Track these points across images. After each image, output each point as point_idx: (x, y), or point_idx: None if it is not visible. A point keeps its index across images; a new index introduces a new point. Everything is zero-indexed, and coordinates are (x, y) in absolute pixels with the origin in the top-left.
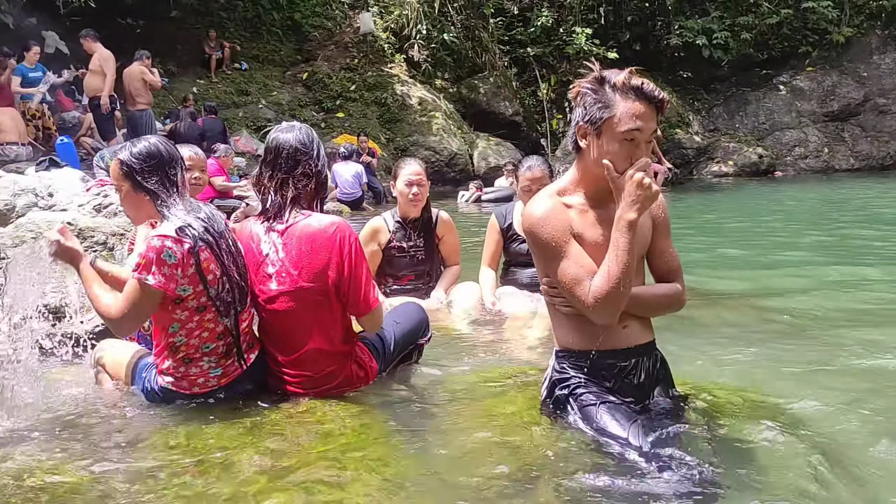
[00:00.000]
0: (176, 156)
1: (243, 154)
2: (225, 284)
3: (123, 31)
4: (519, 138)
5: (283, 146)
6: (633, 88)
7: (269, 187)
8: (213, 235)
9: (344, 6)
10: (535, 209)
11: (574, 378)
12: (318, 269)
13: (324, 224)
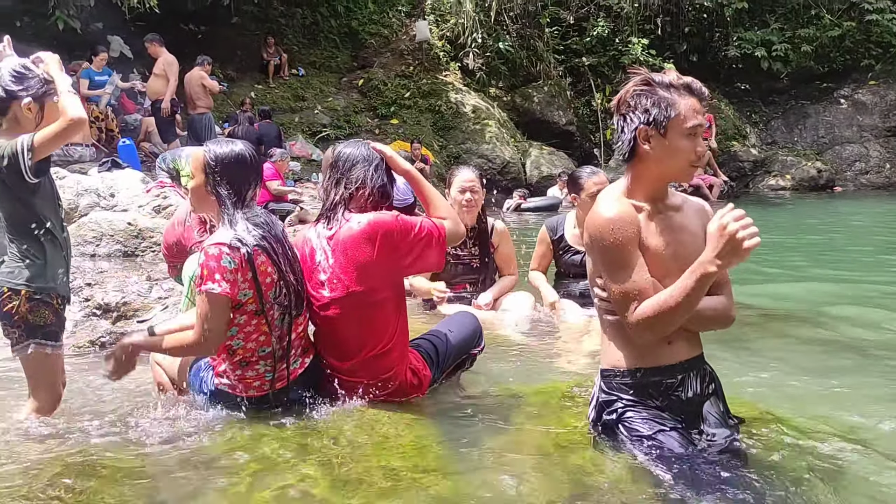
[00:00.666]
0: (258, 170)
1: (298, 158)
2: (282, 289)
3: (185, 37)
4: (572, 148)
5: (343, 154)
6: (685, 86)
7: (326, 189)
8: (269, 241)
9: (401, 14)
10: (605, 210)
11: (621, 400)
12: (364, 269)
13: (362, 223)
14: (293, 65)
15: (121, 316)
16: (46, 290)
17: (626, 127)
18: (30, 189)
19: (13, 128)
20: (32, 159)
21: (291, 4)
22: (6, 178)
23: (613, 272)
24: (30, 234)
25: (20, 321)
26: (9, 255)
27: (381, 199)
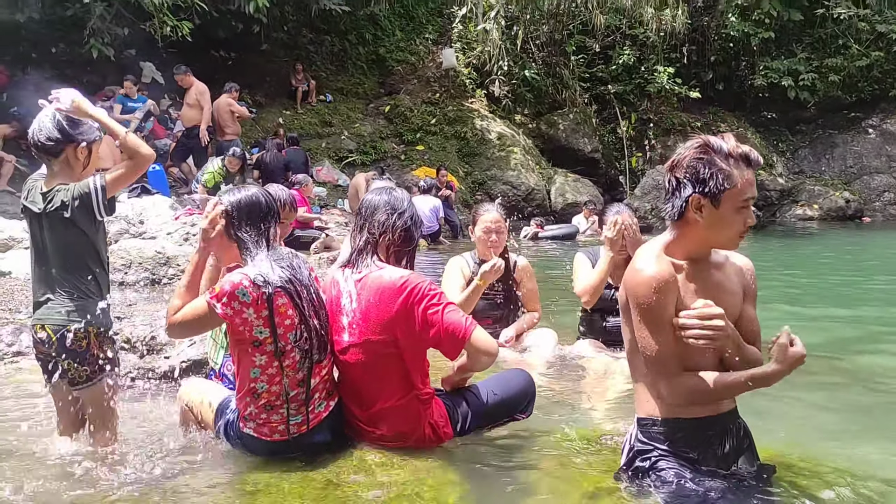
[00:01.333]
0: (273, 209)
1: (325, 184)
2: (303, 333)
3: (216, 63)
4: (597, 175)
5: (371, 201)
6: (743, 156)
7: (354, 235)
8: (294, 284)
9: (428, 42)
10: (644, 268)
11: (657, 450)
12: (385, 321)
13: (394, 277)
14: (321, 91)
15: (149, 350)
16: (108, 325)
17: (680, 191)
18: (95, 227)
19: (64, 170)
20: (105, 197)
21: (320, 32)
22: (74, 217)
23: (649, 330)
24: (88, 270)
25: (92, 358)
26: (61, 293)
27: (405, 244)
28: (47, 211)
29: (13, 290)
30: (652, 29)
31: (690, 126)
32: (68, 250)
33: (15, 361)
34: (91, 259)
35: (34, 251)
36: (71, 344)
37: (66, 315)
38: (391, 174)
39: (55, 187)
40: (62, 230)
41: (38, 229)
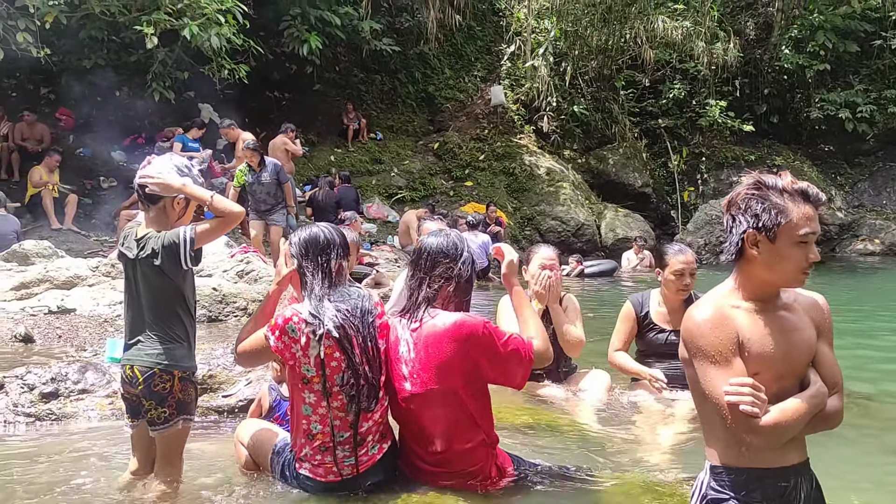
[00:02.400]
0: (333, 243)
1: (375, 220)
2: (349, 378)
3: (270, 104)
4: (648, 210)
5: (426, 248)
6: (800, 192)
7: (410, 285)
8: (346, 328)
9: (476, 79)
10: (698, 313)
11: (732, 499)
12: (445, 369)
13: (447, 323)
14: (371, 129)
15: (206, 388)
16: (192, 369)
17: (735, 228)
18: (182, 275)
19: (159, 218)
20: (192, 248)
21: (371, 71)
22: (163, 264)
23: (710, 375)
24: (176, 316)
25: (172, 400)
26: (150, 337)
27: (465, 293)
28: (139, 257)
29: (78, 328)
30: (703, 63)
31: (744, 160)
32: (158, 296)
33: (80, 399)
34: (179, 305)
35: (127, 295)
36: (156, 386)
37: (154, 358)
38: (440, 210)
39: (148, 234)
40: (152, 276)
41: (131, 274)
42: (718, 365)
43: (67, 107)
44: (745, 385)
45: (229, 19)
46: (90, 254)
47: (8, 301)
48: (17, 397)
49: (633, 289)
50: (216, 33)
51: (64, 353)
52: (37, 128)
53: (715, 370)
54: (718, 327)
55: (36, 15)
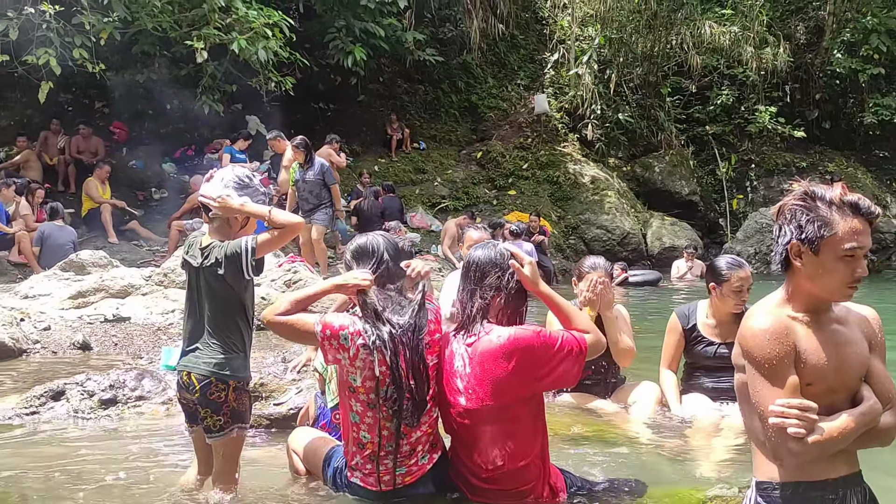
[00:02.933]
0: (388, 253)
1: (418, 230)
2: (392, 393)
3: (315, 115)
4: (696, 218)
5: (474, 260)
6: (850, 205)
7: (462, 298)
8: (397, 343)
9: (519, 88)
10: (757, 322)
11: None
12: (499, 384)
13: (503, 339)
14: (415, 139)
15: (258, 396)
16: (246, 379)
17: (781, 238)
18: (244, 285)
19: (222, 227)
20: (253, 258)
21: (414, 82)
22: (226, 274)
23: (761, 387)
24: (235, 325)
25: (227, 409)
26: (209, 345)
27: (518, 302)
28: (203, 265)
29: (132, 336)
30: (752, 68)
31: (795, 166)
32: (219, 304)
33: (137, 405)
34: (239, 315)
35: (189, 302)
36: (211, 394)
37: (212, 366)
38: (483, 219)
39: (212, 243)
40: (215, 285)
41: (194, 282)
42: (771, 379)
43: (121, 120)
44: (793, 406)
45: (276, 33)
46: (142, 263)
47: (66, 309)
48: (77, 403)
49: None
50: (263, 47)
51: (120, 361)
52: (92, 141)
53: (767, 383)
54: (778, 340)
55: (91, 32)
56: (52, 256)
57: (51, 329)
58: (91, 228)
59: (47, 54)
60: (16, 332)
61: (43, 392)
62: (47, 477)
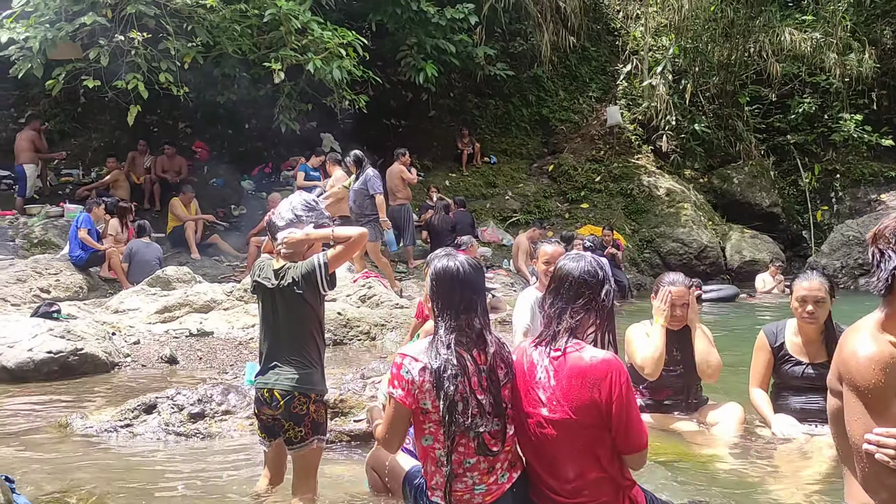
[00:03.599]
0: (465, 279)
1: (489, 244)
2: (466, 408)
3: (387, 131)
4: (777, 231)
5: (568, 275)
6: None
7: (548, 310)
8: (463, 361)
9: (591, 100)
10: (862, 348)
11: None
12: (586, 404)
13: (595, 360)
14: (485, 153)
15: (337, 413)
16: (324, 392)
17: (884, 263)
18: (319, 300)
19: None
20: (327, 272)
21: (485, 96)
22: (304, 293)
23: (859, 414)
24: (312, 341)
25: (308, 421)
26: (289, 361)
27: (609, 321)
28: (280, 286)
29: (216, 350)
30: (835, 75)
31: (884, 176)
32: (297, 322)
33: (223, 419)
34: (315, 330)
35: (264, 323)
36: (295, 408)
37: (294, 382)
38: (555, 232)
39: (286, 265)
40: (294, 304)
41: (269, 303)
42: (872, 407)
43: (202, 140)
44: (892, 436)
45: (350, 52)
46: (223, 278)
47: (153, 324)
48: (168, 417)
49: (770, 316)
50: (338, 66)
51: (206, 376)
52: (176, 160)
53: (866, 411)
54: (884, 368)
55: (176, 56)
56: (139, 272)
57: (140, 343)
58: (175, 245)
59: (136, 79)
60: (108, 346)
61: (136, 405)
62: (138, 486)
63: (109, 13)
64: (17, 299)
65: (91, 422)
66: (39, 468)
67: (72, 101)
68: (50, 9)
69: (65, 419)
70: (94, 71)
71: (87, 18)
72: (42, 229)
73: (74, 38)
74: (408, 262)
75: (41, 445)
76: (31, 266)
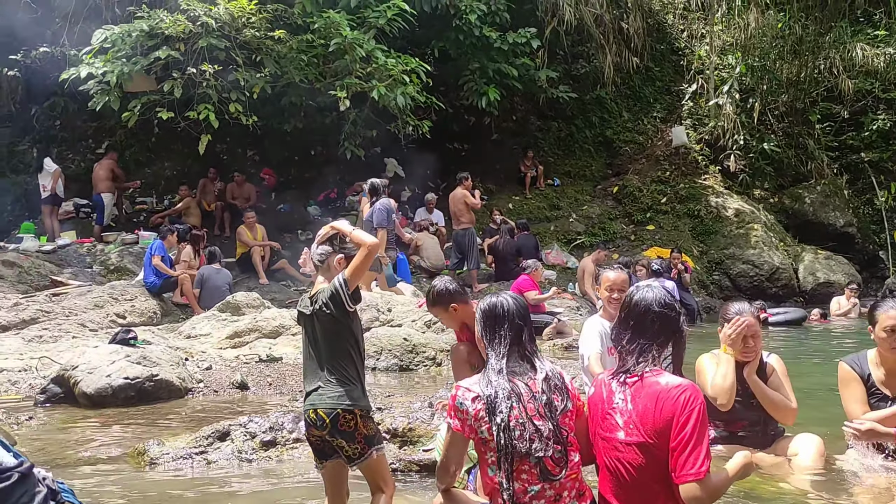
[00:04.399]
0: (512, 313)
1: (553, 267)
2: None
3: (450, 155)
4: (852, 251)
5: (644, 307)
6: None
7: (626, 345)
8: (517, 389)
9: (656, 121)
10: None
11: None
12: (662, 427)
13: (671, 385)
14: (549, 175)
15: (406, 441)
16: (368, 408)
17: None
18: (350, 317)
19: (326, 276)
20: (348, 290)
21: (547, 118)
22: (334, 312)
23: None
24: (350, 359)
25: (360, 436)
26: (329, 381)
27: (680, 349)
28: (314, 311)
29: (285, 376)
30: None
31: None
32: (334, 342)
33: (295, 447)
34: (352, 348)
35: (306, 349)
36: (342, 425)
37: (336, 399)
38: (621, 254)
39: (318, 290)
40: (328, 324)
41: (310, 328)
42: None
43: (270, 167)
44: None
45: (413, 79)
46: (290, 303)
47: (224, 349)
48: (241, 444)
49: (851, 345)
50: (402, 93)
51: (277, 402)
52: (244, 187)
53: None
54: None
55: (245, 87)
56: (210, 298)
57: (212, 369)
58: (244, 270)
59: (207, 109)
60: (182, 372)
61: (210, 433)
62: None
63: (182, 47)
64: (95, 324)
65: (167, 448)
66: (116, 492)
67: (146, 132)
68: (126, 44)
69: (142, 446)
70: (167, 102)
71: (162, 52)
72: (118, 256)
73: (149, 71)
74: (472, 286)
75: (119, 471)
76: (107, 292)
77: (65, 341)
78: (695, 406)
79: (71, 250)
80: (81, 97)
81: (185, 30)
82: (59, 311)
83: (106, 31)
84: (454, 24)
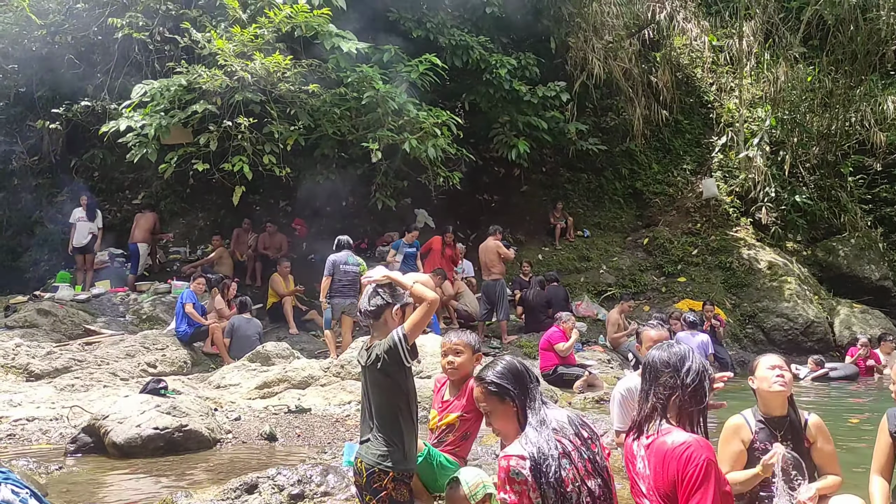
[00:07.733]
0: (529, 371)
1: (584, 318)
2: (579, 494)
3: (480, 206)
4: (889, 305)
5: (649, 360)
6: None
7: (640, 400)
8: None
9: (685, 173)
10: None
11: None
12: (668, 489)
13: (676, 444)
14: (578, 226)
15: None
16: (408, 471)
17: None
18: (405, 374)
19: (382, 329)
20: (407, 344)
21: (577, 170)
22: (387, 368)
23: None
24: (396, 421)
25: (386, 497)
26: (377, 437)
27: (695, 403)
28: (368, 364)
29: (314, 427)
30: None
31: None
32: (383, 399)
33: (323, 501)
34: (401, 408)
35: (363, 398)
36: (374, 483)
37: (376, 457)
38: (652, 307)
39: (374, 343)
40: (380, 379)
41: (364, 379)
42: None
43: (301, 217)
44: None
45: (444, 131)
46: (320, 353)
47: (253, 399)
48: (268, 497)
49: None
50: (433, 145)
51: (305, 454)
52: (276, 237)
53: None
54: None
55: (279, 139)
56: (240, 348)
57: (241, 419)
58: (274, 320)
59: (241, 161)
60: (211, 423)
61: (238, 485)
62: None
63: (219, 101)
64: (126, 374)
65: (195, 501)
66: None
67: (181, 183)
68: (165, 98)
69: (170, 498)
70: (203, 154)
71: (199, 106)
72: (150, 305)
73: (186, 124)
74: (501, 336)
75: None
76: (139, 341)
77: (96, 390)
78: (698, 462)
79: (105, 299)
80: (120, 149)
81: (222, 84)
82: (91, 360)
83: (146, 86)
84: (484, 77)
